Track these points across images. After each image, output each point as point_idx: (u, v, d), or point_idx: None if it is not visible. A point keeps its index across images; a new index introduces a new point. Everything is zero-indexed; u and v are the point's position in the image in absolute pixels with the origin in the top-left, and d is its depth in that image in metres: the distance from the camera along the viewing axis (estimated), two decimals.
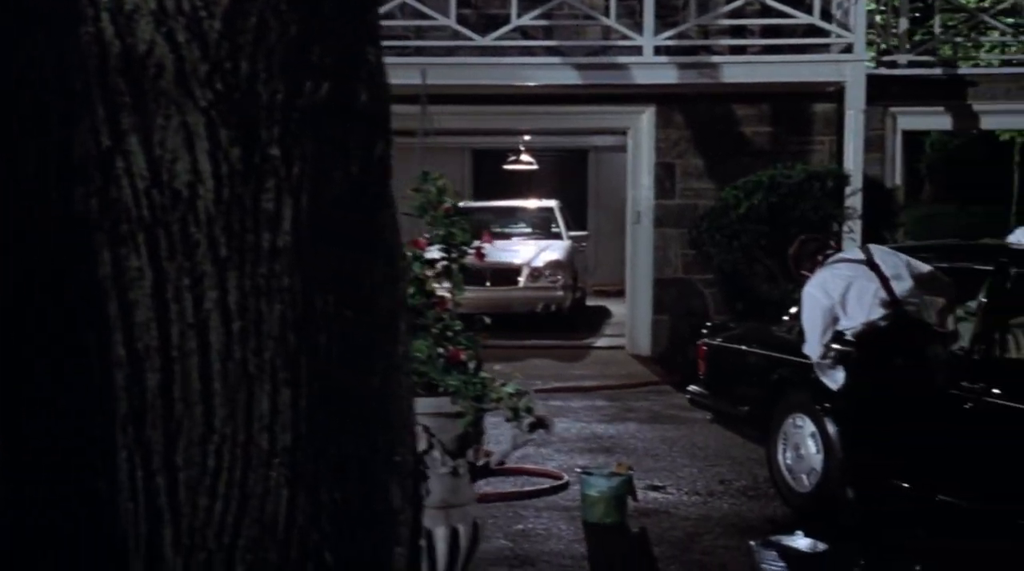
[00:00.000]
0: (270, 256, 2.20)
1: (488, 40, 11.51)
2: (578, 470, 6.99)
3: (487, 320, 4.12)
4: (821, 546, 5.22)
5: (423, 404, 3.62)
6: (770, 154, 12.08)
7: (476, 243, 4.32)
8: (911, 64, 12.60)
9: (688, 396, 8.00)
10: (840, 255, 5.69)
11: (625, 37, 11.46)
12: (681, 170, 12.42)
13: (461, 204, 15.27)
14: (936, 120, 12.57)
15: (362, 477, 2.32)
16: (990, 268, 5.68)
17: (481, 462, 3.82)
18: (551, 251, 14.86)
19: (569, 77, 11.36)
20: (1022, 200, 22.73)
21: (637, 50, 11.37)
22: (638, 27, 11.38)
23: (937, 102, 12.35)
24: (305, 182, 2.22)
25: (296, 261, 2.22)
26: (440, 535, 3.67)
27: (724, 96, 12.16)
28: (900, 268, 5.53)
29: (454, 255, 3.69)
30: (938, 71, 12.31)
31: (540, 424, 3.79)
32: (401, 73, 11.69)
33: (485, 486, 7.38)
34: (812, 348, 5.66)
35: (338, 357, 2.30)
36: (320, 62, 2.27)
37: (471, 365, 3.65)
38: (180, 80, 2.10)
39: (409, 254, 3.64)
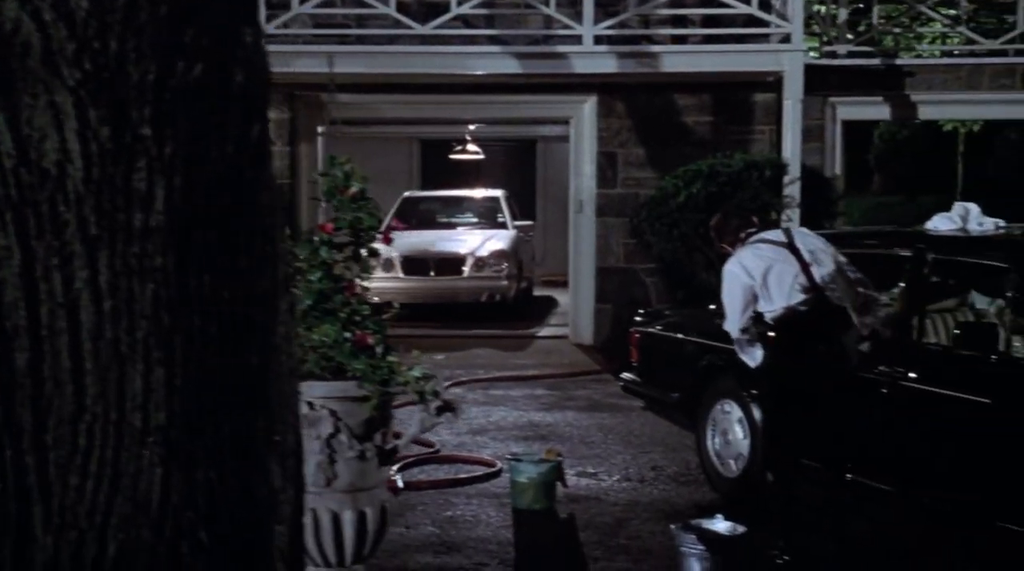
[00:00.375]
0: (142, 236, 2.21)
1: (428, 29, 11.52)
2: (508, 457, 7.03)
3: (396, 305, 4.13)
4: (740, 529, 5.28)
5: (330, 388, 3.64)
6: (711, 143, 12.18)
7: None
8: (851, 55, 12.74)
9: (621, 384, 8.06)
10: (762, 235, 5.73)
11: (566, 26, 11.50)
12: (623, 159, 12.50)
13: (407, 193, 15.38)
14: (875, 110, 12.72)
15: (240, 456, 2.34)
16: (908, 254, 5.77)
17: (389, 445, 3.84)
18: (496, 241, 14.90)
19: (510, 66, 11.39)
20: (966, 189, 23.05)
21: (577, 39, 11.42)
22: (579, 16, 11.43)
23: (876, 92, 12.49)
24: (178, 162, 2.23)
25: (169, 241, 2.22)
26: (348, 518, 3.69)
27: (665, 86, 12.24)
28: (819, 252, 5.60)
29: (363, 240, 3.70)
30: (877, 61, 12.44)
31: (447, 408, 3.81)
32: (344, 62, 11.76)
33: (419, 474, 7.43)
34: (732, 324, 5.73)
35: (214, 337, 2.31)
36: (193, 42, 2.28)
37: (379, 349, 3.67)
38: (47, 59, 2.11)
39: (316, 239, 3.65)
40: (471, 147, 18.86)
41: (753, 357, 5.78)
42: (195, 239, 2.30)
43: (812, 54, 13.82)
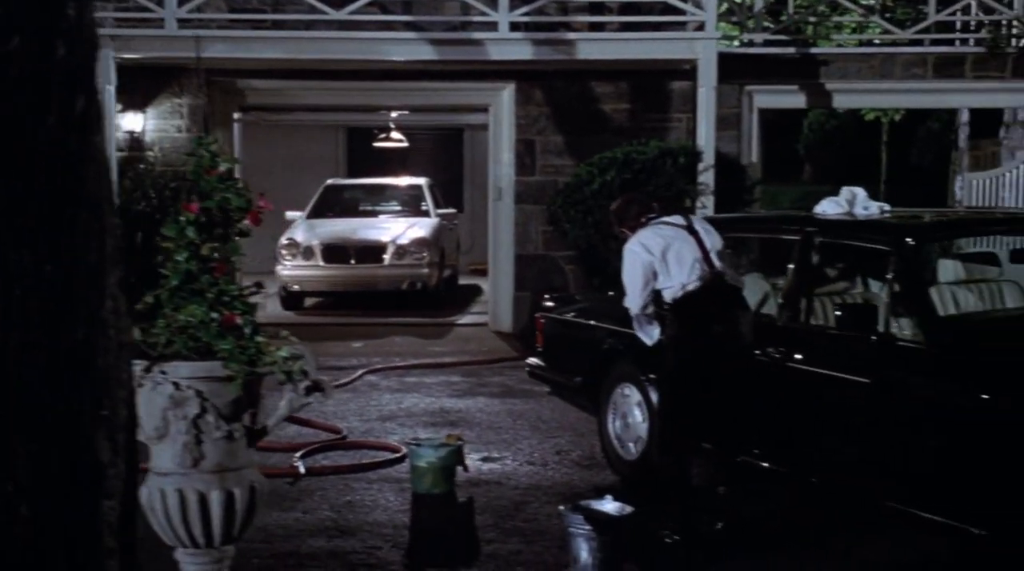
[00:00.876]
0: None
1: (344, 14, 11.49)
2: (407, 442, 7.07)
3: (263, 284, 4.14)
4: (628, 509, 5.37)
5: (195, 368, 3.65)
6: (629, 131, 12.28)
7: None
8: (767, 43, 12.90)
9: (527, 369, 8.12)
10: (662, 218, 5.84)
11: (482, 13, 11.53)
12: (541, 147, 12.56)
13: (330, 181, 15.31)
14: (791, 98, 12.86)
15: (63, 429, 2.36)
16: (797, 238, 5.89)
17: (259, 426, 3.85)
18: (417, 228, 14.90)
19: (426, 52, 11.39)
20: (890, 177, 23.46)
21: (493, 26, 11.45)
22: (495, 3, 11.46)
23: (792, 80, 12.65)
24: None
25: None
26: (215, 499, 3.70)
27: (583, 73, 12.32)
28: (715, 239, 5.71)
29: (232, 220, 3.70)
30: (792, 50, 12.60)
31: (316, 388, 3.83)
32: (259, 48, 11.69)
33: (323, 460, 7.44)
34: (632, 301, 5.82)
35: (36, 311, 2.32)
36: (10, 14, 2.29)
37: (247, 330, 3.68)
38: None
39: (183, 219, 3.66)
40: (395, 135, 18.82)
41: (650, 335, 5.88)
42: (15, 212, 2.31)
43: (734, 43, 14.00)
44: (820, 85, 12.67)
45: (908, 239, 5.33)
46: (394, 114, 17.59)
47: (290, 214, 15.52)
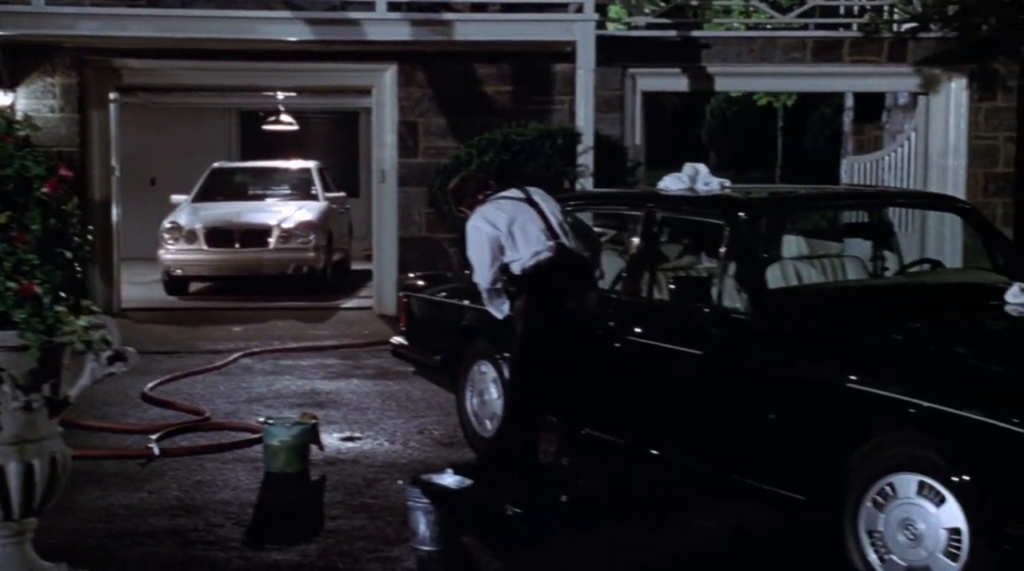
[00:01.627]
0: None
1: None
2: (260, 420, 7.08)
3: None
4: (467, 482, 5.46)
5: None
6: (512, 113, 12.35)
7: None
8: (651, 26, 13.06)
9: (391, 349, 8.17)
10: (500, 194, 5.92)
11: None
12: (424, 129, 12.60)
13: (216, 165, 15.14)
14: (674, 82, 13.05)
15: None
16: (640, 213, 6.01)
17: (61, 396, 3.84)
18: (304, 212, 14.84)
19: (303, 32, 11.36)
20: (786, 162, 23.91)
21: (371, 6, 11.44)
22: None
23: (674, 64, 12.82)
24: None
25: None
26: (13, 471, 3.69)
27: (465, 55, 12.37)
28: (554, 206, 5.80)
29: (31, 189, 3.68)
30: (673, 33, 12.77)
31: (119, 357, 3.83)
32: (134, 25, 11.53)
33: (182, 441, 7.41)
34: (482, 277, 5.90)
35: None
36: None
37: (47, 299, 3.66)
38: None
39: None
40: (285, 118, 18.70)
41: (500, 309, 5.98)
42: None
43: (622, 26, 14.14)
44: (702, 68, 12.87)
45: (740, 213, 5.48)
46: (281, 95, 17.49)
47: (175, 198, 15.37)
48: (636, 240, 5.98)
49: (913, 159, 13.46)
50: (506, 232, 5.72)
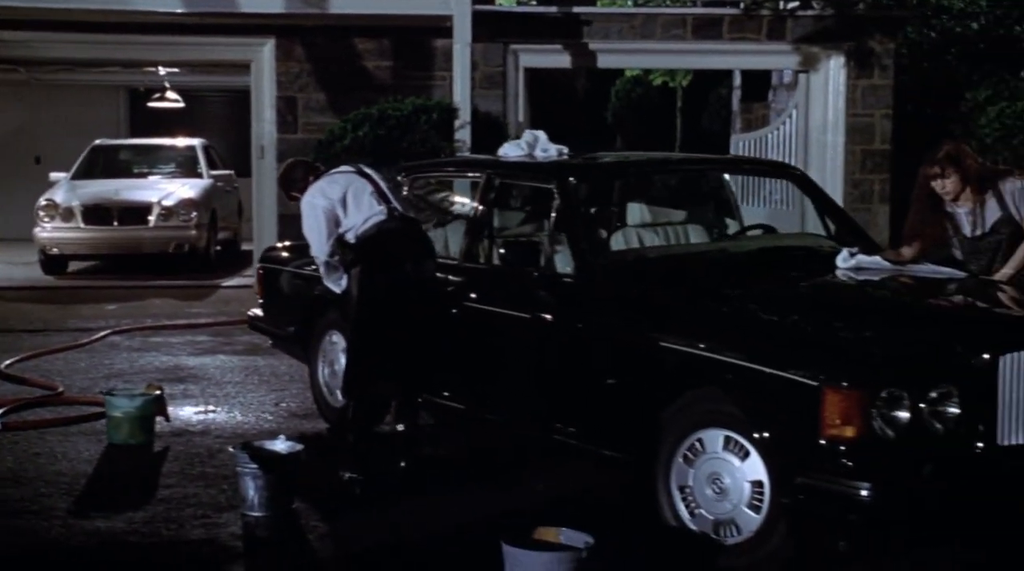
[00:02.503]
0: None
1: None
2: (100, 392, 7.04)
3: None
4: (298, 447, 5.50)
5: None
6: (393, 89, 12.34)
7: None
8: (540, 2, 13.13)
9: (248, 321, 8.17)
10: (332, 171, 6.00)
11: None
12: (303, 104, 12.55)
13: (97, 142, 14.87)
14: (556, 58, 13.12)
15: None
16: (480, 179, 6.08)
17: None
18: (187, 189, 14.70)
19: (172, 4, 11.25)
20: (685, 142, 24.17)
21: None
22: None
23: (555, 40, 12.91)
24: None
25: None
26: None
27: (345, 30, 12.34)
28: (386, 181, 5.87)
29: None
30: (554, 9, 12.85)
31: None
32: None
33: (29, 415, 7.34)
34: (318, 250, 5.96)
35: None
36: None
37: None
38: None
39: None
40: (171, 95, 18.49)
41: (338, 283, 6.04)
42: None
43: (510, 1, 14.20)
44: (584, 45, 12.97)
45: (569, 178, 5.58)
46: (163, 71, 17.29)
47: (54, 175, 15.14)
48: (474, 206, 6.05)
49: (795, 136, 13.71)
50: (339, 202, 5.79)
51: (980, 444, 4.29)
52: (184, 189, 14.69)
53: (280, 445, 5.54)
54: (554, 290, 5.41)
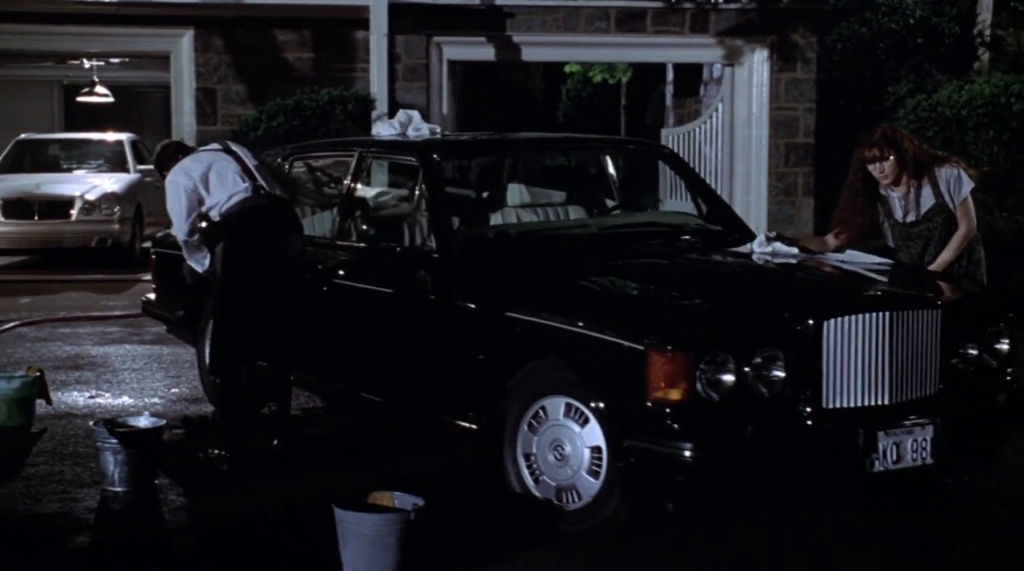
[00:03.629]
0: None
1: None
2: None
3: None
4: (160, 423, 5.59)
5: None
6: (314, 80, 12.47)
7: None
8: None
9: (142, 306, 8.24)
10: (199, 149, 6.09)
11: None
12: (223, 96, 12.64)
13: (23, 136, 14.81)
14: (480, 50, 13.26)
15: None
16: (354, 158, 6.19)
17: None
18: (111, 183, 14.71)
19: None
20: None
21: None
22: None
23: (479, 33, 13.04)
24: None
25: None
26: None
27: (265, 21, 12.45)
28: (253, 158, 5.96)
29: None
30: (476, 1, 12.98)
31: None
32: None
33: None
34: (179, 229, 6.04)
35: None
36: None
37: None
38: None
39: None
40: (100, 90, 18.51)
41: (200, 263, 6.12)
42: None
43: None
44: (508, 37, 13.12)
45: (433, 155, 5.70)
46: (87, 64, 17.32)
47: None
48: (347, 184, 6.16)
49: (720, 130, 13.91)
50: (201, 179, 5.87)
51: (806, 407, 4.43)
52: (108, 183, 14.70)
53: (143, 421, 5.62)
54: (416, 265, 5.51)
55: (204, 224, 6.01)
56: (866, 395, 4.49)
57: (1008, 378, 4.90)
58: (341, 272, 5.96)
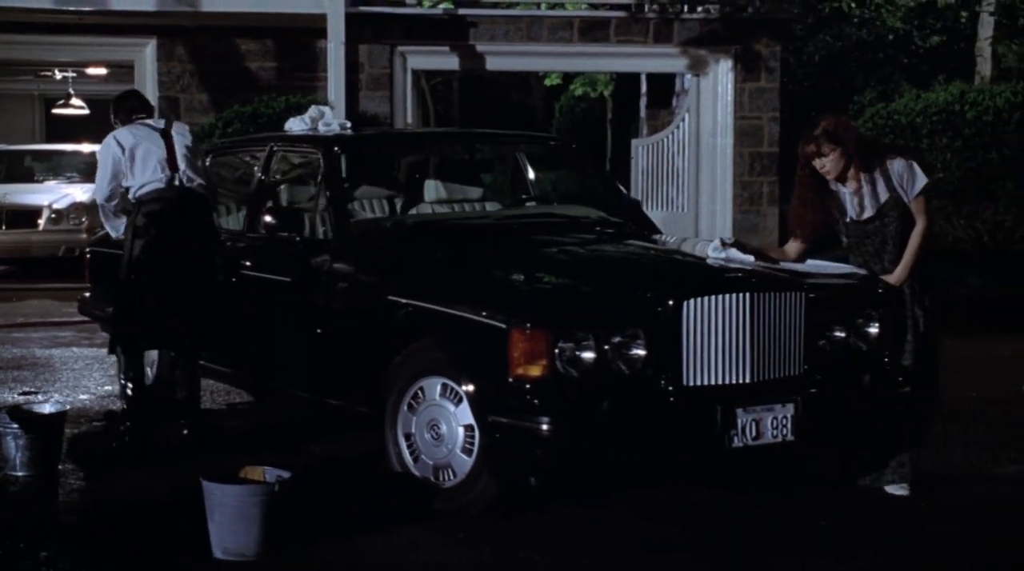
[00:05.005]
0: None
1: None
2: None
3: None
4: (64, 408, 5.80)
5: None
6: (278, 89, 12.72)
7: None
8: (420, 4, 13.52)
9: (77, 304, 8.46)
10: (147, 120, 6.25)
11: None
12: (185, 104, 12.90)
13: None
14: (444, 60, 13.51)
15: None
16: (265, 152, 6.41)
17: None
18: (80, 193, 14.95)
19: (41, 1, 11.58)
20: (615, 150, 24.65)
21: None
22: None
23: (442, 43, 13.29)
24: None
25: None
26: None
27: (228, 30, 12.72)
28: (188, 145, 6.16)
29: None
30: (439, 11, 13.24)
31: None
32: None
33: None
34: (99, 190, 6.31)
35: None
36: None
37: None
38: None
39: None
40: (76, 102, 18.83)
41: (116, 229, 6.36)
42: None
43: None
44: (471, 47, 13.36)
45: (334, 148, 5.92)
46: (59, 75, 17.61)
47: None
48: (257, 178, 6.37)
49: (687, 140, 14.11)
50: (127, 156, 6.06)
51: (667, 385, 4.60)
52: (78, 193, 14.94)
53: (47, 407, 5.82)
54: (313, 254, 5.71)
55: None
56: (727, 373, 4.66)
57: (878, 362, 5.06)
58: (248, 263, 6.17)
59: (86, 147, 16.89)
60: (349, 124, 6.51)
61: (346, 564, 4.47)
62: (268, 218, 5.84)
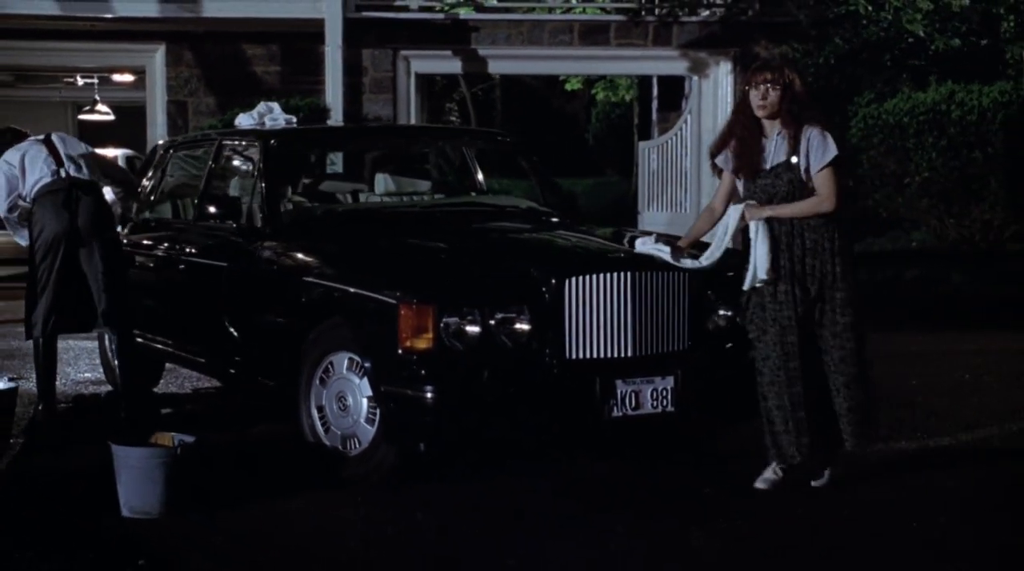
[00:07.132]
0: None
1: None
2: None
3: None
4: (13, 386, 6.21)
5: None
6: (282, 93, 13.12)
7: None
8: (422, 9, 13.90)
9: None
10: (26, 140, 6.83)
11: None
12: (193, 108, 13.39)
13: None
14: (447, 64, 13.89)
15: None
16: (213, 147, 6.82)
17: None
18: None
19: (49, 8, 12.11)
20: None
21: None
22: None
23: (445, 47, 13.67)
24: None
25: None
26: None
27: (234, 35, 13.19)
28: (78, 152, 6.67)
29: None
30: (441, 16, 13.61)
31: None
32: None
33: None
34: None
35: None
36: None
37: None
38: None
39: None
40: (101, 107, 19.49)
41: (22, 237, 6.89)
42: None
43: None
44: (473, 51, 13.72)
45: (271, 141, 6.31)
46: (81, 81, 18.20)
47: None
48: (205, 170, 6.78)
49: (689, 141, 14.37)
50: (18, 167, 6.64)
51: (550, 358, 4.92)
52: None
53: (1, 384, 6.23)
54: (248, 241, 6.09)
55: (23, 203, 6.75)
56: (608, 348, 4.97)
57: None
58: (193, 250, 6.57)
59: (109, 151, 17.51)
60: (294, 119, 6.89)
61: (246, 525, 4.81)
62: (208, 207, 6.23)
